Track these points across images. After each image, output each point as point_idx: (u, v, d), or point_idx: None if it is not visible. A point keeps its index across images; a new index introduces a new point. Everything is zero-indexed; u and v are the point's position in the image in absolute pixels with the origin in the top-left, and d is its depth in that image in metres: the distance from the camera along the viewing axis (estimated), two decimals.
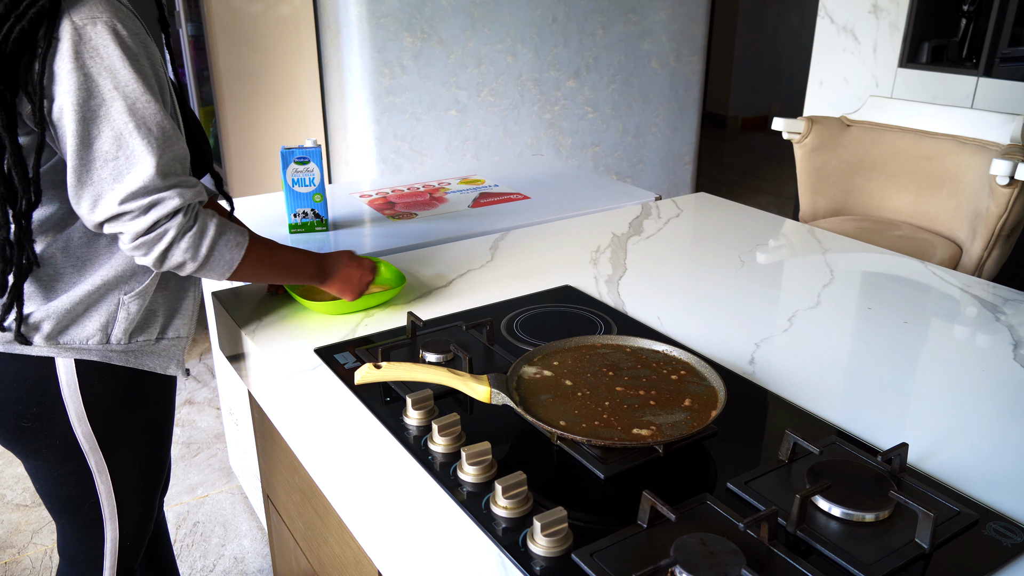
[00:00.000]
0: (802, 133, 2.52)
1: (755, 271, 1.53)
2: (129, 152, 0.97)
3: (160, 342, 1.17)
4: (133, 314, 1.11)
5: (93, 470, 1.17)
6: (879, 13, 3.42)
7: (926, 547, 0.76)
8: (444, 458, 0.91)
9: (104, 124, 0.96)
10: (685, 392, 0.98)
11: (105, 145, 0.96)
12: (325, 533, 1.22)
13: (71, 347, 1.08)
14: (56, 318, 1.07)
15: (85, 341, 1.09)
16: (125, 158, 0.97)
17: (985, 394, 1.09)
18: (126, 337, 1.12)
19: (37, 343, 1.07)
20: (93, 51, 0.94)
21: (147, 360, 1.15)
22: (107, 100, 0.95)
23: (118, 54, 0.95)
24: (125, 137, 0.96)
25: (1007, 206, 2.08)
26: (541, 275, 1.49)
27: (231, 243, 1.07)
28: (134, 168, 0.97)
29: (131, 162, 0.97)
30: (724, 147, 6.87)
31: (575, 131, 3.89)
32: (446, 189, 2.06)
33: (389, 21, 3.23)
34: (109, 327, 1.10)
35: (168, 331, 1.18)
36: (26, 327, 1.06)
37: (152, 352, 1.16)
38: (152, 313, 1.14)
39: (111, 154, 0.97)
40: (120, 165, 0.97)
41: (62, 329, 1.08)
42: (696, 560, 0.71)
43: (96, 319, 1.09)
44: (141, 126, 0.97)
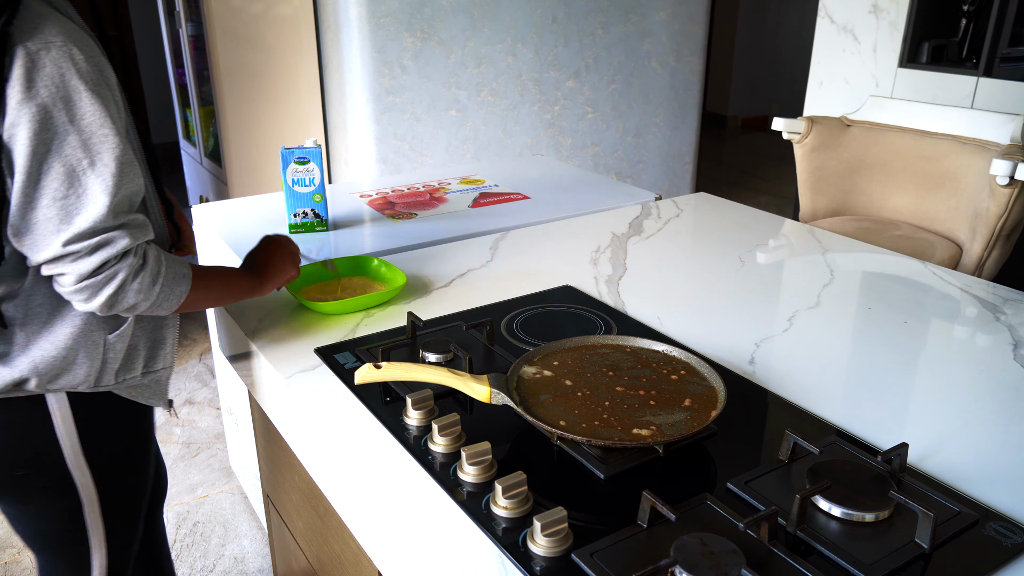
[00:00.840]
0: (802, 133, 2.52)
1: (755, 271, 1.53)
2: (81, 191, 0.90)
3: (146, 376, 1.14)
4: (120, 353, 1.07)
5: (84, 504, 1.13)
6: (879, 13, 3.42)
7: (926, 547, 0.76)
8: (444, 458, 0.91)
9: (55, 159, 0.89)
10: (685, 392, 0.98)
11: (55, 182, 0.89)
12: (325, 533, 1.22)
13: (62, 388, 1.04)
14: (42, 372, 1.01)
15: (76, 386, 1.05)
16: (76, 197, 0.90)
17: (985, 394, 1.09)
18: (114, 377, 1.08)
19: (28, 389, 1.02)
20: (47, 79, 0.87)
21: (134, 394, 1.13)
22: (60, 133, 0.88)
23: (75, 82, 0.88)
24: (78, 175, 0.90)
25: (1007, 206, 2.08)
26: (541, 275, 1.49)
27: (178, 276, 1.02)
28: (85, 208, 0.90)
29: (82, 202, 0.90)
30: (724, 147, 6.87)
31: (575, 131, 3.88)
32: (446, 189, 2.06)
33: (389, 21, 3.23)
34: (99, 370, 1.05)
35: (153, 363, 1.14)
36: (10, 385, 1.00)
37: (138, 387, 1.13)
38: (134, 349, 1.10)
39: (60, 192, 0.89)
40: (70, 204, 0.90)
41: (52, 379, 1.02)
42: (696, 560, 0.71)
43: (84, 365, 1.04)
44: (97, 162, 0.90)
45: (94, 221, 0.91)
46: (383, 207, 1.92)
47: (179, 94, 4.04)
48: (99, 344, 1.04)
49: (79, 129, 0.88)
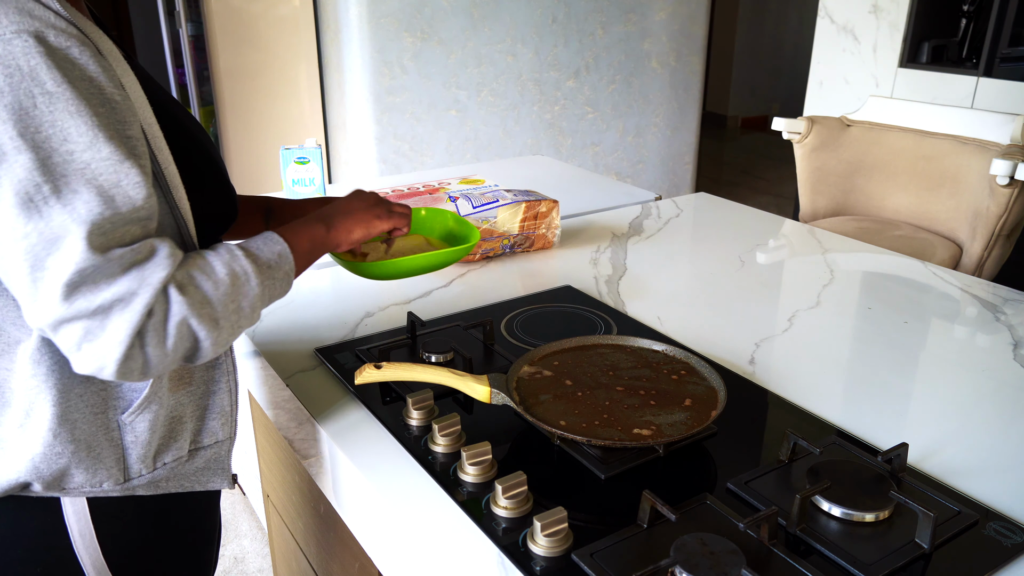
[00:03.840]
0: (802, 133, 2.52)
1: (755, 271, 1.53)
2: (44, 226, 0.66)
3: (196, 455, 0.89)
4: (144, 434, 0.82)
5: None
6: (879, 13, 3.42)
7: (926, 547, 0.76)
8: (444, 458, 0.91)
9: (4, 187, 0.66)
10: (685, 392, 0.98)
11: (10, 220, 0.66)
12: (325, 533, 1.22)
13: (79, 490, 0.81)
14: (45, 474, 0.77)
15: (99, 485, 0.81)
16: (38, 234, 0.66)
17: (985, 394, 1.09)
18: (147, 464, 0.83)
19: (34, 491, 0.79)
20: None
21: (182, 482, 0.88)
22: (8, 152, 0.65)
23: (28, 84, 0.66)
24: (37, 205, 0.66)
25: (1007, 206, 2.08)
26: (541, 275, 1.49)
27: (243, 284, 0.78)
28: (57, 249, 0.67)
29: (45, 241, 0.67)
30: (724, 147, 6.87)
31: (575, 131, 3.89)
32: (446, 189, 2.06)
33: (389, 21, 3.23)
34: (121, 461, 0.81)
35: (203, 438, 0.89)
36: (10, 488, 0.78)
37: (186, 472, 0.88)
38: (177, 421, 0.85)
39: (18, 231, 0.66)
40: (34, 245, 0.66)
41: (59, 479, 0.78)
42: (696, 560, 0.71)
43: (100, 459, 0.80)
44: (62, 187, 0.67)
45: (72, 261, 0.67)
46: None
47: (179, 94, 4.04)
48: (110, 428, 0.80)
49: (35, 144, 0.66)
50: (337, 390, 1.07)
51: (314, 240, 0.89)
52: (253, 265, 0.79)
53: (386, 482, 0.89)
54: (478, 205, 1.59)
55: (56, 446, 0.77)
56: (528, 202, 1.58)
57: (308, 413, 1.05)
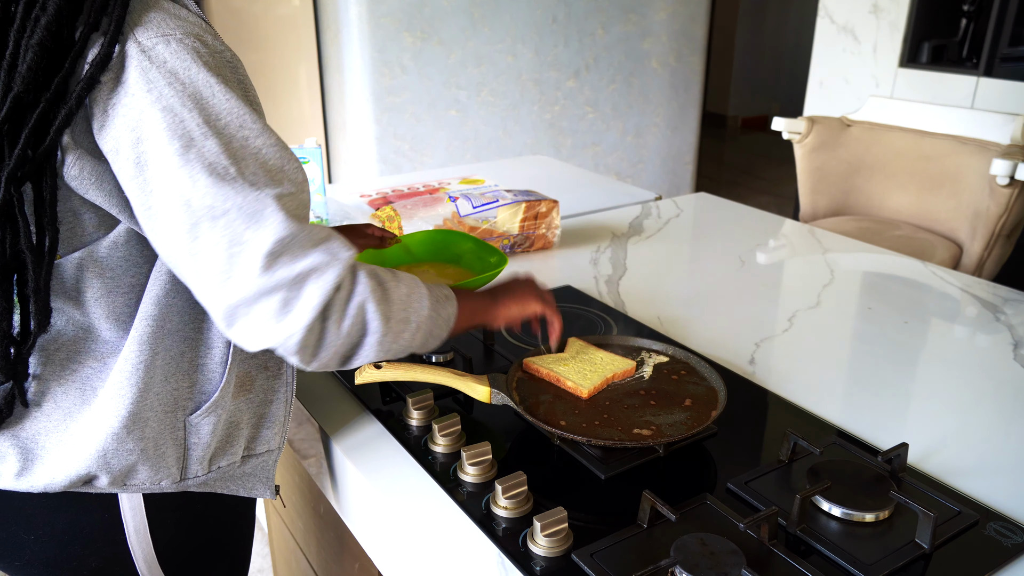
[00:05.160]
0: (802, 133, 2.52)
1: (755, 271, 1.53)
2: (238, 203, 0.69)
3: (247, 462, 0.90)
4: (206, 436, 0.83)
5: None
6: (879, 13, 3.42)
7: (926, 547, 0.76)
8: (444, 458, 0.91)
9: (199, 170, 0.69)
10: (685, 392, 0.98)
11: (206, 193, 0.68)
12: (325, 533, 1.22)
13: (139, 487, 0.82)
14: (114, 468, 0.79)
15: (158, 483, 0.82)
16: (237, 210, 0.69)
17: (985, 394, 1.09)
18: (203, 467, 0.85)
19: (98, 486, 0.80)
20: (170, 76, 0.68)
21: (229, 485, 0.89)
22: (197, 138, 0.68)
23: (204, 76, 0.70)
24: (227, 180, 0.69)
25: (1007, 206, 2.08)
26: (541, 275, 1.49)
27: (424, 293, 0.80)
28: (256, 224, 0.69)
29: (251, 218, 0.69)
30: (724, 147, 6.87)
31: (575, 131, 3.89)
32: (446, 189, 2.06)
33: (389, 21, 3.23)
34: (181, 460, 0.83)
35: (256, 445, 0.90)
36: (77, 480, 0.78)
37: (235, 476, 0.89)
38: (235, 426, 0.86)
39: (217, 209, 0.68)
40: (232, 221, 0.69)
41: (126, 475, 0.80)
42: (696, 560, 0.71)
43: (164, 456, 0.81)
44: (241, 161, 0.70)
45: (274, 232, 0.68)
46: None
47: None
48: (177, 429, 0.82)
49: (219, 130, 0.70)
50: (337, 390, 1.07)
51: (476, 309, 0.92)
52: (427, 292, 0.81)
53: (386, 482, 0.89)
54: (478, 205, 1.59)
55: (128, 443, 0.78)
56: (528, 202, 1.58)
57: (308, 413, 1.05)
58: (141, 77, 0.68)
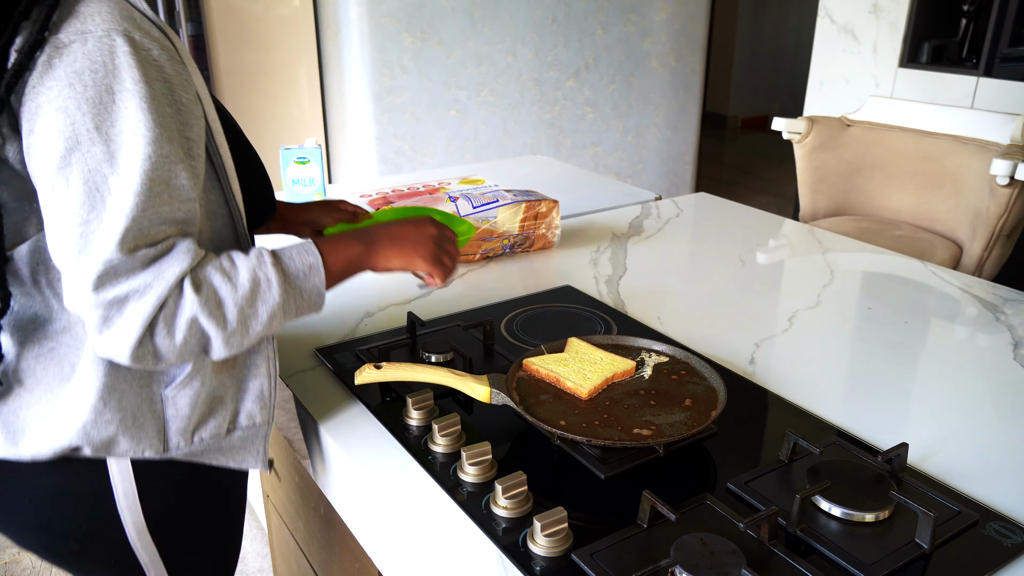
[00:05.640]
0: (802, 133, 2.52)
1: (755, 271, 1.53)
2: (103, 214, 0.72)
3: (232, 435, 0.92)
4: (184, 409, 0.86)
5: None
6: (879, 13, 3.42)
7: (926, 547, 0.76)
8: (444, 458, 0.91)
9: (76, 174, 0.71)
10: (685, 392, 0.98)
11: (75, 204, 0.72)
12: (325, 533, 1.22)
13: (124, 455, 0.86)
14: (95, 440, 0.82)
15: (140, 453, 0.85)
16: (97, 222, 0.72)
17: (985, 394, 1.09)
18: (186, 438, 0.87)
19: (84, 454, 0.84)
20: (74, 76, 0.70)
21: (217, 456, 0.92)
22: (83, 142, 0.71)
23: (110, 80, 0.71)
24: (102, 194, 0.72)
25: (1007, 206, 2.08)
26: (541, 275, 1.49)
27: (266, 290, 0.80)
28: (99, 237, 0.72)
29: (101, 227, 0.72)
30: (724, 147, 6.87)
31: (575, 131, 3.89)
32: (446, 189, 2.06)
33: (389, 21, 3.23)
34: (161, 433, 0.86)
35: (242, 419, 0.92)
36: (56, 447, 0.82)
37: (221, 448, 0.92)
38: (217, 400, 0.89)
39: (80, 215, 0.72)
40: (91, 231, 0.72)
41: (107, 445, 0.83)
42: (696, 560, 0.71)
43: (137, 429, 0.84)
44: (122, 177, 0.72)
45: (105, 250, 0.72)
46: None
47: None
48: (154, 401, 0.85)
49: (107, 137, 0.71)
50: (337, 390, 1.07)
51: (350, 260, 0.90)
52: (279, 274, 0.81)
53: (386, 482, 0.89)
54: (478, 205, 1.59)
55: (105, 413, 0.82)
56: (528, 202, 1.58)
57: (308, 413, 1.05)
58: (48, 74, 0.70)
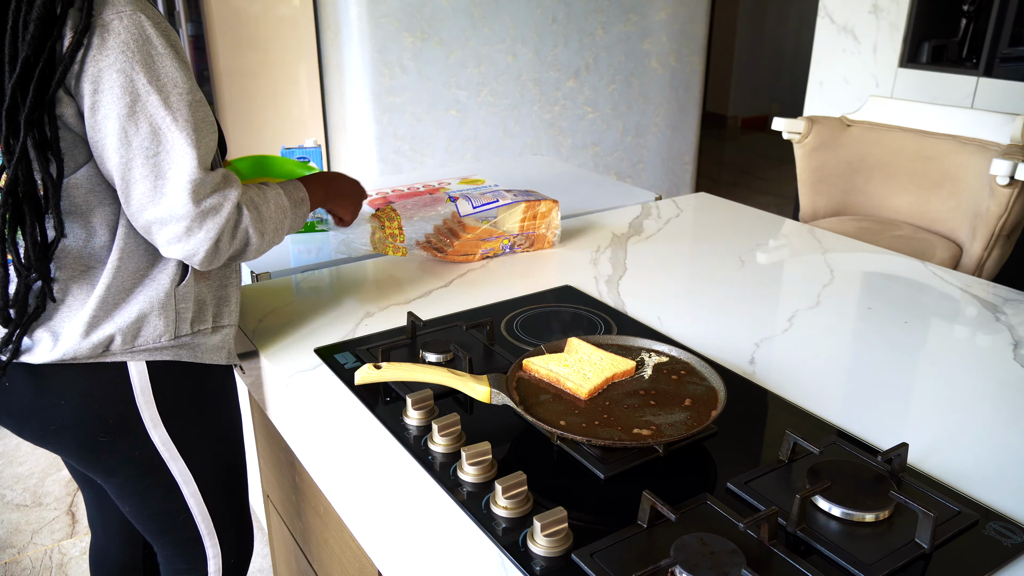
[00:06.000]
0: (802, 133, 2.52)
1: (755, 271, 1.53)
2: (169, 147, 0.94)
3: (216, 332, 1.12)
4: (189, 303, 1.08)
5: (179, 481, 1.14)
6: (879, 13, 3.42)
7: (926, 547, 0.76)
8: (444, 458, 0.91)
9: (142, 119, 0.93)
10: (685, 392, 0.98)
11: (145, 141, 0.93)
12: (325, 533, 1.22)
13: (144, 348, 1.05)
14: (124, 330, 1.02)
15: (158, 339, 1.05)
16: (166, 153, 0.94)
17: (985, 394, 1.09)
18: (189, 327, 1.09)
19: (113, 350, 1.03)
20: (124, 45, 0.91)
21: (208, 353, 1.12)
22: (143, 95, 0.92)
23: (149, 46, 0.92)
24: (163, 131, 0.93)
25: (1007, 206, 2.08)
26: (541, 275, 1.49)
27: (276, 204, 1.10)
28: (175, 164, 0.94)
29: (171, 158, 0.94)
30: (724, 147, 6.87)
31: (575, 131, 3.89)
32: (446, 189, 2.06)
33: (389, 21, 3.23)
34: (174, 321, 1.07)
35: (220, 319, 1.13)
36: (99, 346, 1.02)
37: (210, 345, 1.12)
38: (202, 303, 1.10)
39: (151, 150, 0.94)
40: (161, 161, 0.94)
41: (134, 335, 1.04)
42: (696, 560, 0.71)
43: (162, 316, 1.05)
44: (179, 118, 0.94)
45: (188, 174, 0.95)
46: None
47: None
48: (170, 296, 1.06)
49: (159, 88, 0.93)
50: (337, 390, 1.07)
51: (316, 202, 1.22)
52: (290, 203, 1.13)
53: (386, 482, 0.89)
54: (478, 205, 1.59)
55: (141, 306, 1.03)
56: (528, 202, 1.58)
57: (308, 413, 1.05)
58: (103, 45, 0.90)
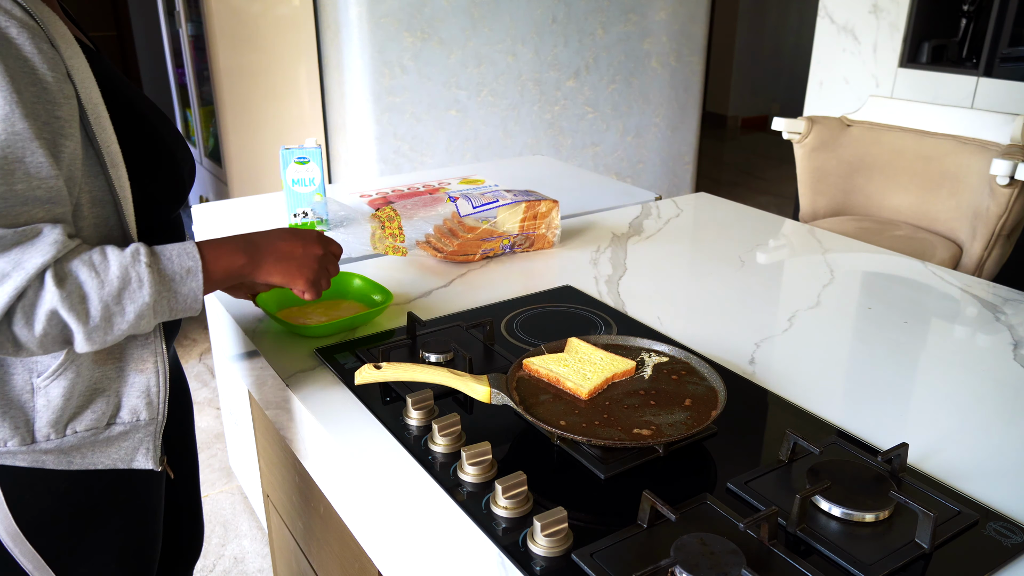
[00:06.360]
0: (802, 133, 2.52)
1: (755, 271, 1.53)
2: None
3: (111, 428, 0.89)
4: (57, 399, 0.84)
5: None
6: (879, 13, 3.42)
7: (926, 547, 0.76)
8: (444, 458, 0.91)
9: None
10: (685, 392, 0.98)
11: None
12: (325, 533, 1.22)
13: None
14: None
15: (3, 444, 0.83)
16: None
17: (985, 394, 1.09)
18: (57, 430, 0.85)
19: None
20: None
21: (97, 456, 0.89)
22: None
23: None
24: None
25: (1007, 206, 2.08)
26: (541, 275, 1.49)
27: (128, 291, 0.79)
28: None
29: None
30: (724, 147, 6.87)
31: (575, 131, 3.89)
32: (446, 189, 2.06)
33: (389, 21, 3.23)
34: (30, 423, 0.84)
35: (122, 413, 0.90)
36: None
37: (101, 444, 0.89)
38: (97, 392, 0.87)
39: None
40: None
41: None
42: (696, 560, 0.71)
43: (7, 415, 0.83)
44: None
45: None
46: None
47: (179, 94, 4.04)
48: (24, 391, 0.83)
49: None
50: (337, 390, 1.07)
51: (232, 269, 0.90)
52: (152, 275, 0.81)
53: (386, 482, 0.89)
54: (478, 205, 1.59)
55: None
56: (528, 202, 1.58)
57: (308, 413, 1.05)
58: None
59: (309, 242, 0.99)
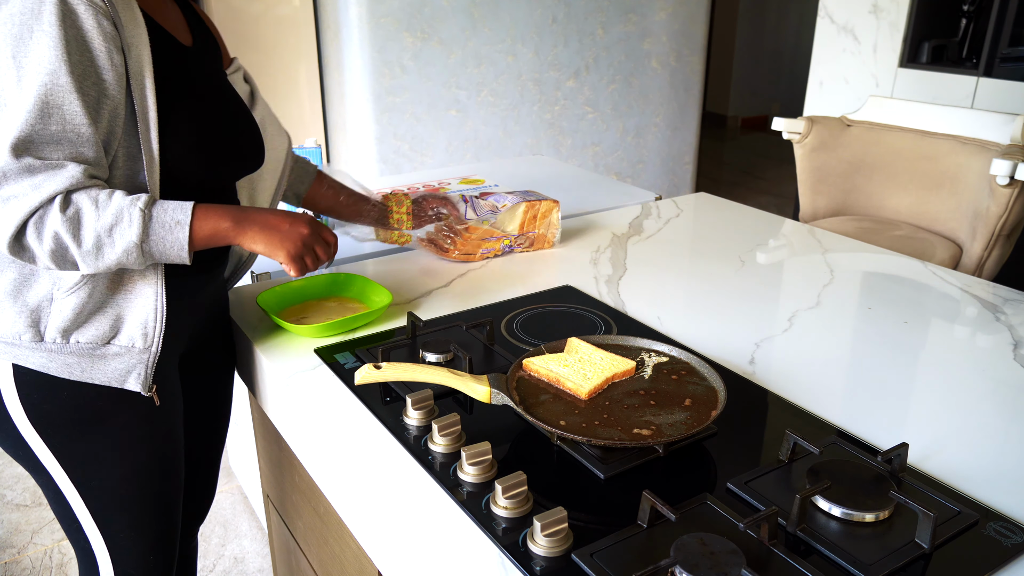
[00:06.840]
0: (802, 133, 2.52)
1: (755, 271, 1.53)
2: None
3: (107, 347, 1.01)
4: (68, 312, 0.97)
5: (63, 490, 1.05)
6: (879, 13, 3.42)
7: (926, 547, 0.76)
8: (444, 458, 0.91)
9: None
10: (685, 392, 0.98)
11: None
12: (325, 533, 1.22)
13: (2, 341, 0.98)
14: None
15: (17, 337, 0.97)
16: None
17: (985, 394, 1.09)
18: (61, 336, 0.98)
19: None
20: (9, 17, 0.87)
21: (95, 372, 1.01)
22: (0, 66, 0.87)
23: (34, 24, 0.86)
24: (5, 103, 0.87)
25: (1007, 206, 2.08)
26: (541, 275, 1.49)
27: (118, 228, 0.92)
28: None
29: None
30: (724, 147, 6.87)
31: (575, 131, 3.89)
32: (446, 189, 2.06)
33: (389, 21, 3.23)
34: (40, 323, 0.97)
35: (120, 336, 1.01)
36: None
37: (98, 358, 1.00)
38: (103, 313, 1.00)
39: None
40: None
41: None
42: (696, 560, 0.71)
43: (25, 313, 0.97)
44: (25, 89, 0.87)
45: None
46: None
47: None
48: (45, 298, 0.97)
49: (18, 64, 0.87)
50: (337, 390, 1.07)
51: (216, 231, 1.00)
52: (143, 219, 0.93)
53: (386, 482, 0.89)
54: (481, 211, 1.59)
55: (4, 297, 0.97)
56: (528, 202, 1.58)
57: (307, 413, 1.05)
58: None
59: (298, 220, 1.06)
